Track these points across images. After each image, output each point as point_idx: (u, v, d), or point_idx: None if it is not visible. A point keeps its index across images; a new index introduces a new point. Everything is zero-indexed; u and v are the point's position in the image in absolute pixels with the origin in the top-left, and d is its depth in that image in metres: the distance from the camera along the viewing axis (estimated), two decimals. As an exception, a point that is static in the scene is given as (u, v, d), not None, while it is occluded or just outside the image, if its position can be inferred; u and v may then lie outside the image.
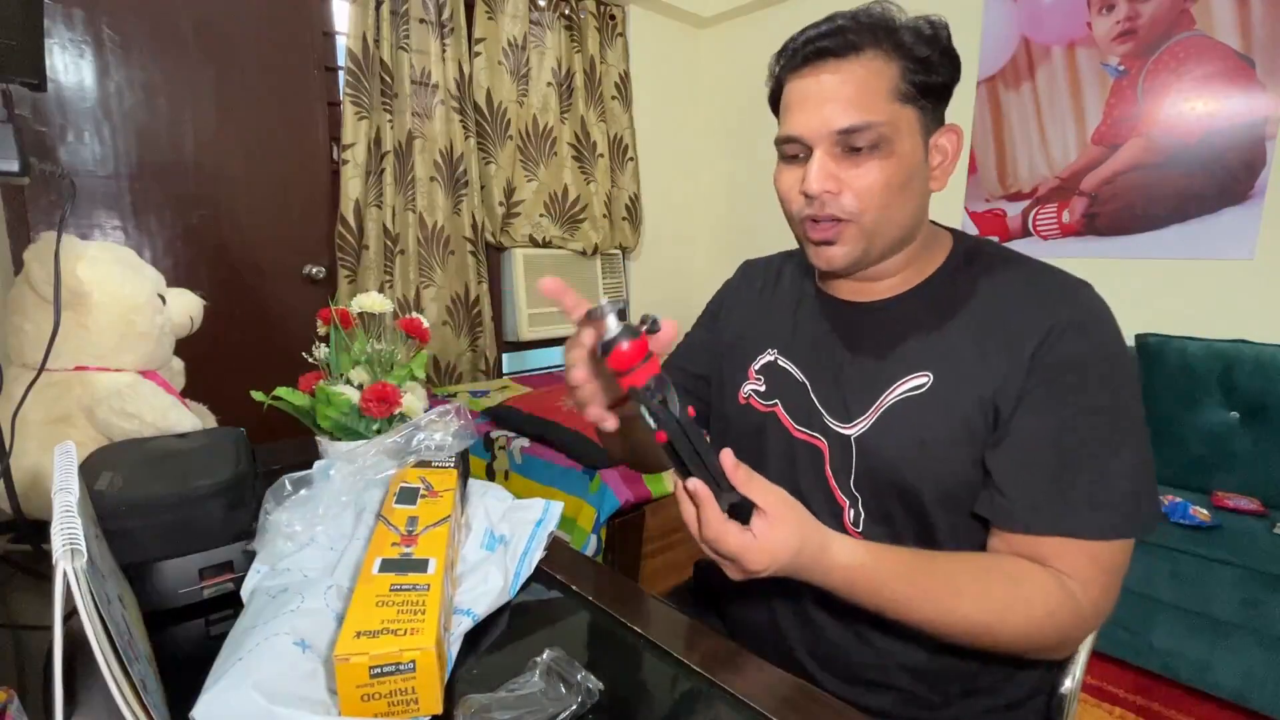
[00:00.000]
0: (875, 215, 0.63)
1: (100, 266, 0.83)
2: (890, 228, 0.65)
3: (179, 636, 0.59)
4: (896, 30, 0.61)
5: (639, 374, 0.50)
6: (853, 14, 0.63)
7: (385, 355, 0.81)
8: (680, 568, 1.69)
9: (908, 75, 0.61)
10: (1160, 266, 2.00)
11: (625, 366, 0.50)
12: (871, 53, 0.61)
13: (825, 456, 0.69)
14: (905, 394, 0.65)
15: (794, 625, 0.72)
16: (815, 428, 0.70)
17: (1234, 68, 1.81)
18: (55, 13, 1.59)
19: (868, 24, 0.61)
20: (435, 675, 0.45)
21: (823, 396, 0.70)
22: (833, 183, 0.62)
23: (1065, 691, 0.71)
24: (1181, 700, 1.56)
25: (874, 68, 0.61)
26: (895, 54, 0.61)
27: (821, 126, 0.62)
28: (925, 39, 0.62)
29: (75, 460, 0.43)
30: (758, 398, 0.76)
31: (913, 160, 0.63)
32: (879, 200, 0.62)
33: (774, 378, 0.75)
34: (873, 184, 0.62)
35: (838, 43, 0.61)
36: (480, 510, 0.72)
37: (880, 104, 0.60)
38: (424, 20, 2.21)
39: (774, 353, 0.77)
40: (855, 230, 0.64)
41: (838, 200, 0.63)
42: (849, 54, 0.61)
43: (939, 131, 0.65)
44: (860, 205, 0.62)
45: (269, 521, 0.58)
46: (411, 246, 2.25)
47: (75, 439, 0.69)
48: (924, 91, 0.62)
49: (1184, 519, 1.58)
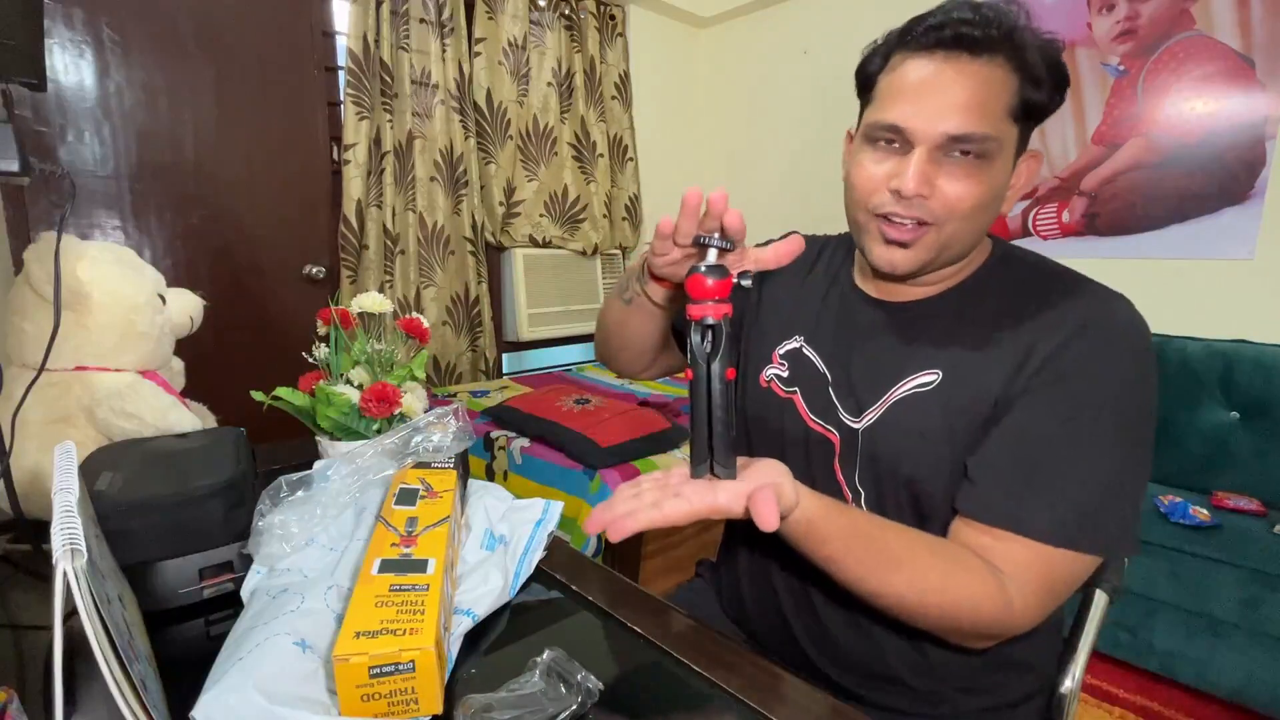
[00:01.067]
0: (955, 227, 0.60)
1: (100, 266, 0.83)
2: (961, 243, 0.63)
3: (179, 636, 0.59)
4: (1026, 41, 0.58)
5: (709, 309, 0.50)
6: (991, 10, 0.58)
7: (385, 355, 0.81)
8: (680, 568, 1.69)
9: (1024, 91, 0.58)
10: (1160, 266, 2.00)
11: (700, 296, 0.50)
12: (1003, 58, 0.57)
13: (836, 450, 0.69)
14: (913, 389, 0.65)
15: (799, 617, 0.73)
16: (830, 420, 0.70)
17: (1234, 68, 1.81)
18: (55, 13, 1.59)
19: (1005, 27, 0.57)
20: (435, 675, 0.45)
21: (840, 391, 0.70)
22: (928, 187, 0.59)
23: (1065, 691, 0.71)
24: (1181, 700, 1.56)
25: (999, 75, 0.57)
26: (1019, 66, 0.58)
27: (935, 124, 0.57)
28: (1045, 57, 0.58)
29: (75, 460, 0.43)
30: (779, 383, 0.76)
31: (1002, 179, 0.61)
32: (964, 213, 0.59)
33: (797, 365, 0.75)
34: (964, 196, 0.59)
35: (982, 34, 0.56)
36: (480, 510, 0.72)
37: (997, 116, 0.57)
38: (424, 20, 2.21)
39: (800, 340, 0.76)
40: (933, 237, 0.61)
41: (925, 204, 0.59)
42: (984, 52, 0.57)
43: (1025, 155, 0.63)
44: (948, 213, 0.59)
45: (262, 524, 0.58)
46: (412, 246, 2.25)
47: (75, 439, 0.69)
48: (1029, 111, 0.59)
49: (1184, 519, 1.58)
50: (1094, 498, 0.56)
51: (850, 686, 0.70)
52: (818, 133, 2.75)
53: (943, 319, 0.67)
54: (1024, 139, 0.62)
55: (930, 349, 0.65)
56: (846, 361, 0.71)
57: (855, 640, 0.69)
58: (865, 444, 0.67)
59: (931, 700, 0.68)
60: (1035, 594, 0.56)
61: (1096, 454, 0.56)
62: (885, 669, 0.68)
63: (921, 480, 0.63)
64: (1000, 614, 0.55)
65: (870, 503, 0.67)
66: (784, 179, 2.89)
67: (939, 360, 0.64)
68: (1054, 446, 0.57)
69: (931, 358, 0.65)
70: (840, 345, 0.72)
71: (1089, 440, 0.56)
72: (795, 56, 2.78)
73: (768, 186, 2.97)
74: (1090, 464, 0.56)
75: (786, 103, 2.85)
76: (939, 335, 0.66)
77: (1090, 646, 0.72)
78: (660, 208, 3.04)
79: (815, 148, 2.75)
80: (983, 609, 0.55)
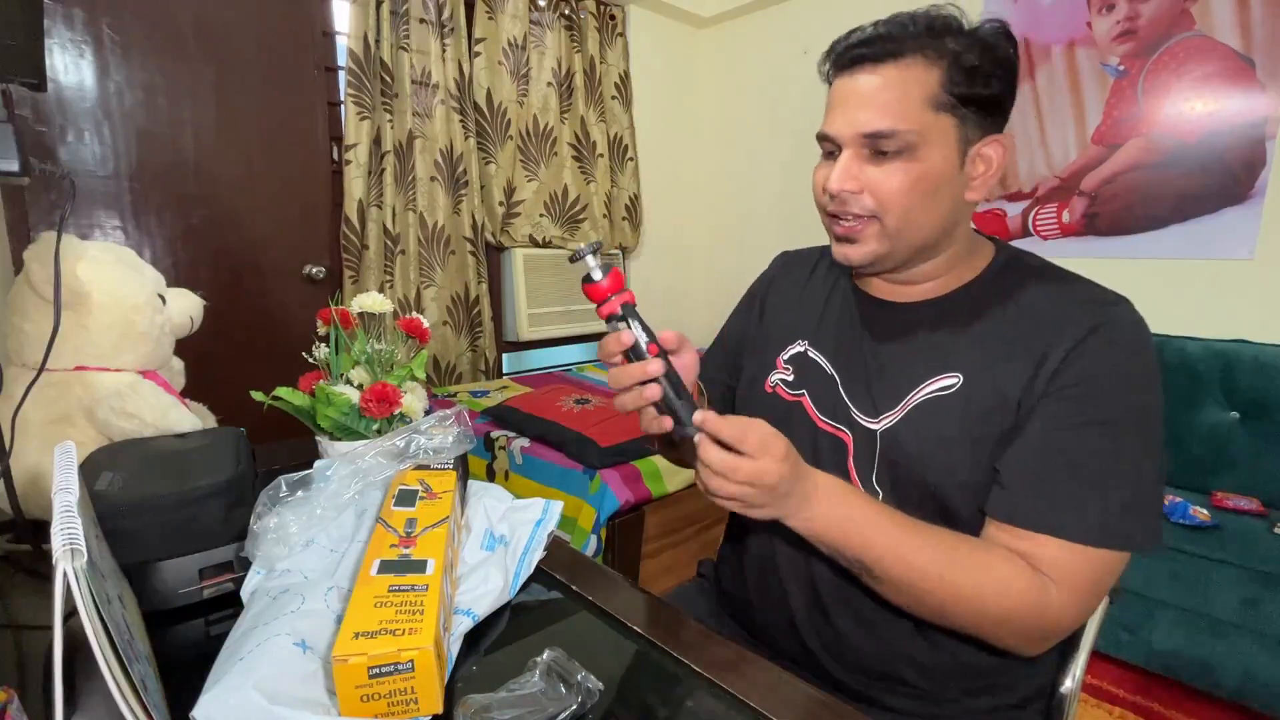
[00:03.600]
0: (897, 217, 0.64)
1: (100, 266, 0.83)
2: (914, 231, 0.65)
3: (179, 636, 0.59)
4: (944, 36, 0.61)
5: (614, 304, 0.57)
6: (908, 17, 0.63)
7: (385, 355, 0.81)
8: (681, 568, 1.69)
9: (949, 84, 0.61)
10: (1160, 266, 1.99)
11: (601, 297, 0.57)
12: (911, 59, 0.61)
13: (849, 450, 0.70)
14: (934, 393, 0.65)
15: (807, 615, 0.73)
16: (841, 420, 0.71)
17: (1234, 68, 1.81)
18: (55, 13, 1.59)
19: (914, 29, 0.62)
20: (434, 675, 0.45)
21: (851, 391, 0.71)
22: (854, 183, 0.64)
23: (1065, 691, 0.71)
24: (1181, 700, 1.55)
25: (912, 74, 0.61)
26: (939, 61, 0.61)
27: (850, 128, 0.63)
28: (980, 47, 0.61)
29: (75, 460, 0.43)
30: (785, 387, 0.77)
31: (943, 168, 0.63)
32: (900, 203, 0.63)
33: (803, 368, 0.76)
34: (894, 188, 0.63)
35: (875, 50, 0.62)
36: (480, 510, 0.72)
37: (912, 111, 0.61)
38: (424, 20, 2.21)
39: (804, 344, 0.77)
40: (877, 229, 0.65)
41: (859, 199, 0.64)
42: (886, 60, 0.62)
43: (983, 141, 0.64)
44: (880, 206, 0.64)
45: (258, 527, 0.58)
46: (412, 246, 2.25)
47: (75, 439, 0.69)
48: (966, 101, 0.61)
49: (1184, 519, 1.58)
50: (1124, 496, 0.57)
51: (854, 685, 0.70)
52: (818, 133, 2.75)
53: (955, 322, 0.67)
54: (975, 126, 0.63)
55: (947, 352, 0.66)
56: (857, 361, 0.71)
57: (864, 639, 0.69)
58: (885, 446, 0.67)
59: (936, 700, 0.68)
60: (1074, 594, 0.57)
61: (1121, 453, 0.58)
62: (892, 669, 0.68)
63: (943, 485, 0.64)
64: (1037, 617, 0.57)
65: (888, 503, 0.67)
66: (784, 179, 2.89)
67: (957, 364, 0.65)
68: (1081, 449, 0.58)
69: (950, 361, 0.65)
70: (847, 345, 0.73)
71: (1110, 444, 0.58)
72: (795, 56, 2.78)
73: (767, 186, 2.97)
74: (1116, 463, 0.58)
75: (786, 103, 2.85)
76: (954, 338, 0.66)
77: (1090, 646, 0.72)
78: (660, 208, 3.04)
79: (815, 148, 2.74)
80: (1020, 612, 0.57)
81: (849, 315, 0.75)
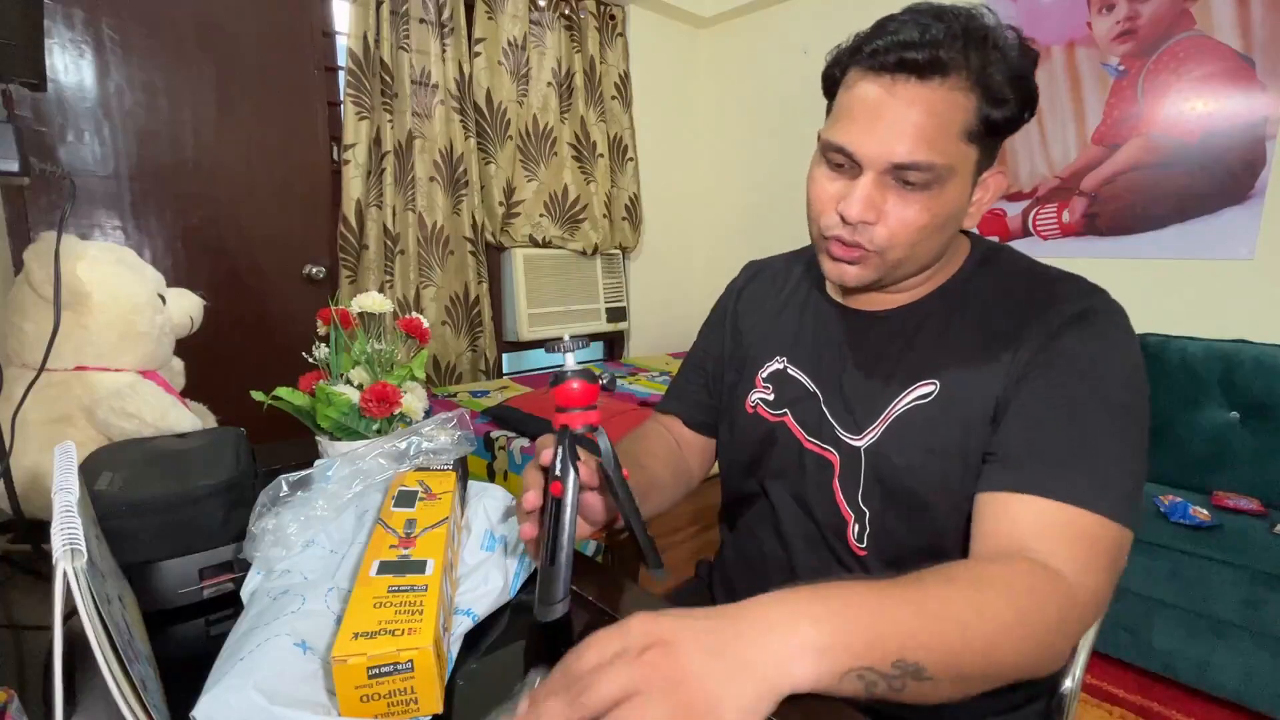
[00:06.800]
0: (903, 252, 0.60)
1: (100, 266, 0.83)
2: (913, 264, 0.63)
3: (179, 636, 0.59)
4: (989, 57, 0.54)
5: (576, 418, 0.51)
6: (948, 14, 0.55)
7: (385, 355, 0.81)
8: (681, 568, 1.69)
9: (982, 112, 0.55)
10: (1160, 266, 2.00)
11: (568, 404, 0.51)
12: (956, 79, 0.54)
13: (835, 470, 0.68)
14: (913, 403, 0.63)
15: None
16: (826, 439, 0.69)
17: (1234, 68, 1.81)
18: (55, 13, 1.59)
19: (963, 42, 0.54)
20: (434, 675, 0.45)
21: (833, 408, 0.69)
22: (873, 213, 0.58)
23: (1065, 691, 0.71)
24: (1181, 700, 1.56)
25: (953, 99, 0.55)
26: (978, 85, 0.55)
27: (882, 154, 0.56)
28: (1010, 73, 0.55)
29: (75, 460, 0.43)
30: (765, 406, 0.75)
31: (958, 201, 0.59)
32: (911, 239, 0.59)
33: (783, 386, 0.74)
34: (912, 222, 0.58)
35: (928, 57, 0.54)
36: (480, 511, 0.72)
37: (950, 144, 0.56)
38: (424, 20, 2.21)
39: (783, 360, 0.75)
40: (878, 260, 0.61)
41: (870, 230, 0.59)
42: (934, 76, 0.54)
43: (989, 170, 0.61)
44: (891, 240, 0.59)
45: (258, 528, 0.58)
46: (411, 246, 2.25)
47: (75, 439, 0.69)
48: (991, 129, 0.57)
49: (1184, 519, 1.58)
50: (1108, 468, 0.54)
51: None
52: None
53: (930, 326, 0.66)
54: (988, 156, 0.60)
55: (923, 359, 0.64)
56: (837, 376, 0.69)
57: None
58: (870, 463, 0.65)
59: None
60: (1089, 569, 0.51)
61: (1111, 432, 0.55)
62: None
63: (932, 497, 0.62)
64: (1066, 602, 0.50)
65: (874, 523, 0.66)
66: (783, 179, 2.88)
67: (933, 371, 0.63)
68: (1063, 423, 0.56)
69: (925, 368, 0.64)
70: (826, 360, 0.71)
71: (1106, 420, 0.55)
72: (795, 56, 2.78)
73: (767, 186, 2.96)
74: (1107, 440, 0.55)
75: (786, 102, 2.85)
76: (929, 343, 0.65)
77: (1090, 646, 0.72)
78: (660, 208, 3.04)
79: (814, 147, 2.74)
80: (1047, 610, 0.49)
81: (826, 327, 0.73)
